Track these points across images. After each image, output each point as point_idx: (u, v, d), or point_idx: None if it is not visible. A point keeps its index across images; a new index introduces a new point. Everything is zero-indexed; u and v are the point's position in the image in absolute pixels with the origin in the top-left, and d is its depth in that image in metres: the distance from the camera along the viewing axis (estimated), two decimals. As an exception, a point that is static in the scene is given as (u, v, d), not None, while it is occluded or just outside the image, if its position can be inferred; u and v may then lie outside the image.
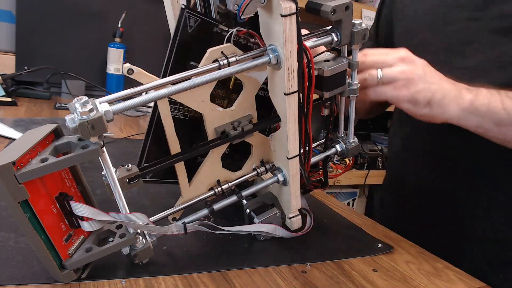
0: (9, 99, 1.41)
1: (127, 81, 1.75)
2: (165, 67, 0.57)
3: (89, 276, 0.52)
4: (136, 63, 0.53)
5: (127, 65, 0.51)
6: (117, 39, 1.73)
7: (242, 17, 0.50)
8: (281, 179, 0.62)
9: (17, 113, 1.32)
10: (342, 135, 0.69)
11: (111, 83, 1.74)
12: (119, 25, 1.73)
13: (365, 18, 2.32)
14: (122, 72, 1.63)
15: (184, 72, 0.53)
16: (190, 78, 0.52)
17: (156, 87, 0.51)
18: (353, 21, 0.59)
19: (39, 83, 1.53)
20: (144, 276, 0.54)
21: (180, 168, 0.60)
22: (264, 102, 0.64)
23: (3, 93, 1.44)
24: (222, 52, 0.55)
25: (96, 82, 1.66)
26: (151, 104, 1.68)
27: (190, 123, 0.64)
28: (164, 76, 0.56)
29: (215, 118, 0.60)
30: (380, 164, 2.36)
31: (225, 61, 0.54)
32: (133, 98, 0.49)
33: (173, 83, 0.52)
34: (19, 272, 0.51)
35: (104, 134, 0.47)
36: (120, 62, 1.73)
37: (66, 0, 1.69)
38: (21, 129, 1.10)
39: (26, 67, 1.59)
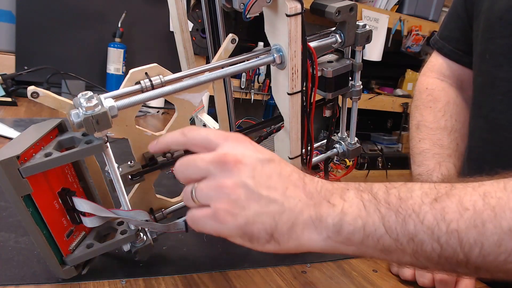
0: (9, 99, 1.41)
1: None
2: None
3: (89, 276, 0.52)
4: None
5: (31, 88, 0.45)
6: (117, 39, 1.73)
7: (247, 17, 0.50)
8: (282, 179, 0.62)
9: (17, 113, 1.32)
10: (344, 136, 0.69)
11: (111, 83, 1.74)
12: (119, 25, 1.73)
13: (365, 18, 2.33)
14: (122, 72, 1.63)
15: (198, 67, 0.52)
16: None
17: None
18: (357, 23, 0.59)
19: (39, 83, 1.53)
20: (144, 276, 0.54)
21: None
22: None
23: (3, 93, 1.44)
24: (146, 73, 0.51)
25: (96, 82, 1.66)
26: (152, 104, 1.67)
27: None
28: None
29: (143, 143, 0.55)
30: (380, 164, 2.37)
31: (148, 83, 0.50)
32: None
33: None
34: (19, 272, 0.51)
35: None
36: (120, 62, 1.73)
37: (66, 0, 1.69)
38: (21, 129, 1.10)
39: (26, 67, 1.58)
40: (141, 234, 0.53)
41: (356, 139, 0.69)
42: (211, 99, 0.83)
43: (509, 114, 0.69)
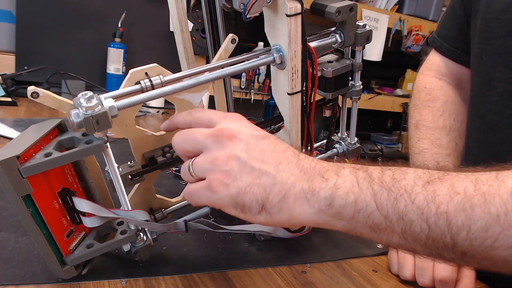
0: (9, 99, 1.40)
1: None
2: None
3: (89, 276, 0.52)
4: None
5: (31, 88, 0.45)
6: (117, 39, 1.73)
7: (247, 17, 0.50)
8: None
9: (17, 113, 1.32)
10: (344, 136, 0.69)
11: (111, 83, 1.74)
12: (119, 25, 1.73)
13: (365, 18, 2.33)
14: (122, 72, 1.63)
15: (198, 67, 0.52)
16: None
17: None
18: (357, 23, 0.59)
19: (39, 83, 1.53)
20: (144, 276, 0.54)
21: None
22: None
23: (3, 93, 1.44)
24: (146, 74, 0.51)
25: (96, 82, 1.66)
26: (152, 104, 1.66)
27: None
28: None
29: (143, 143, 0.56)
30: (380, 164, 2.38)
31: (148, 83, 0.50)
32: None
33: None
34: (19, 272, 0.51)
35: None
36: (120, 62, 1.73)
37: (66, 0, 1.69)
38: (21, 129, 1.10)
39: (26, 67, 1.58)
40: (141, 234, 0.53)
41: (356, 139, 0.69)
42: (211, 99, 0.83)
43: (506, 115, 0.69)
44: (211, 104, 0.91)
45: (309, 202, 0.42)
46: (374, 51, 2.43)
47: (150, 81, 0.50)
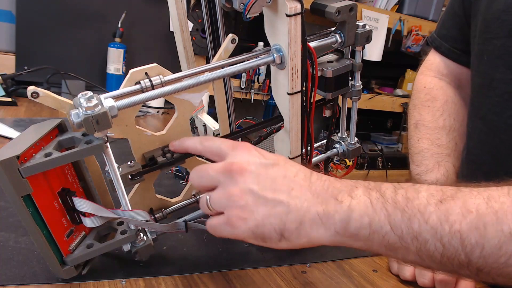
0: (9, 99, 1.41)
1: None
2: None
3: (89, 276, 0.52)
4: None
5: (31, 88, 0.45)
6: (117, 39, 1.73)
7: (247, 17, 0.50)
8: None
9: (17, 113, 1.32)
10: (344, 136, 0.69)
11: (111, 83, 1.74)
12: (119, 25, 1.73)
13: (365, 18, 2.33)
14: (122, 72, 1.63)
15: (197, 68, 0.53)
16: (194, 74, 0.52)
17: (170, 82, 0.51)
18: (357, 23, 0.59)
19: (39, 83, 1.53)
20: (144, 276, 0.54)
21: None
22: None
23: (3, 93, 1.44)
24: (146, 74, 0.51)
25: (96, 82, 1.66)
26: (152, 104, 1.66)
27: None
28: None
29: (143, 143, 0.56)
30: (380, 164, 2.38)
31: (148, 83, 0.50)
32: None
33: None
34: (19, 272, 0.51)
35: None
36: (120, 62, 1.73)
37: (66, 0, 1.69)
38: (21, 129, 1.10)
39: (26, 67, 1.58)
40: (141, 234, 0.53)
41: (356, 139, 0.69)
42: (211, 99, 0.83)
43: (506, 117, 0.69)
44: (211, 104, 0.91)
45: (325, 225, 0.43)
46: (374, 51, 2.43)
47: (150, 81, 0.50)
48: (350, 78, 0.64)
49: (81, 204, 0.50)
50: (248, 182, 0.44)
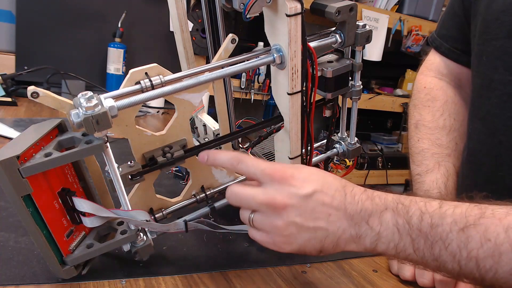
0: (9, 99, 1.40)
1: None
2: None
3: (89, 276, 0.52)
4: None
5: (31, 88, 0.45)
6: (117, 39, 1.73)
7: (247, 17, 0.50)
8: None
9: (17, 113, 1.32)
10: (344, 136, 0.69)
11: (111, 83, 1.74)
12: (119, 25, 1.73)
13: (365, 18, 2.33)
14: (122, 72, 1.63)
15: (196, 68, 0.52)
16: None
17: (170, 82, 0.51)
18: (357, 23, 0.59)
19: (39, 83, 1.53)
20: (144, 276, 0.54)
21: None
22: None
23: (3, 93, 1.44)
24: (146, 74, 0.51)
25: (96, 82, 1.66)
26: (152, 104, 1.66)
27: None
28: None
29: (143, 143, 0.56)
30: (380, 164, 2.38)
31: (148, 83, 0.50)
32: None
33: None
34: (19, 272, 0.51)
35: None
36: (120, 62, 1.73)
37: (66, 0, 1.69)
38: (21, 129, 1.10)
39: (26, 67, 1.58)
40: (141, 234, 0.53)
41: (356, 139, 0.69)
42: (211, 99, 0.83)
43: (505, 118, 0.69)
44: (211, 104, 0.91)
45: (357, 244, 0.49)
46: (374, 51, 2.43)
47: (150, 81, 0.50)
48: (350, 78, 0.64)
49: (81, 204, 0.50)
50: (291, 216, 0.48)
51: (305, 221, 0.49)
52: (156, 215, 0.60)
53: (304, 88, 0.56)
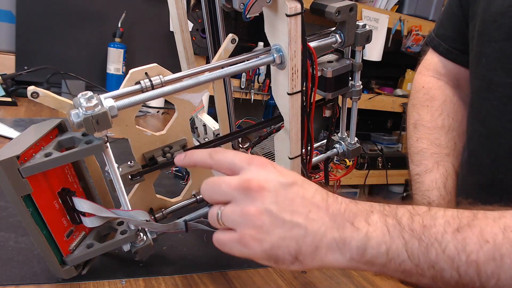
0: (9, 99, 1.41)
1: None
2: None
3: (89, 276, 0.52)
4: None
5: (31, 88, 0.45)
6: (117, 39, 1.73)
7: (247, 17, 0.50)
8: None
9: (17, 113, 1.32)
10: (344, 136, 0.69)
11: (111, 83, 1.74)
12: (119, 25, 1.73)
13: (365, 18, 2.33)
14: (122, 72, 1.63)
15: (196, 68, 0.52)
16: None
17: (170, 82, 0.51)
18: (357, 23, 0.59)
19: (39, 83, 1.53)
20: (144, 276, 0.54)
21: None
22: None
23: (3, 93, 1.44)
24: (146, 74, 0.51)
25: (96, 82, 1.66)
26: (152, 104, 1.66)
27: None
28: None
29: (143, 143, 0.56)
30: (380, 164, 2.38)
31: (148, 83, 0.50)
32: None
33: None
34: (19, 272, 0.51)
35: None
36: (120, 62, 1.73)
37: (66, 0, 1.69)
38: (21, 129, 1.10)
39: (26, 67, 1.58)
40: (141, 234, 0.53)
41: (356, 139, 0.69)
42: (211, 99, 0.83)
43: (504, 120, 0.69)
44: (211, 104, 0.91)
45: (341, 251, 0.42)
46: (374, 51, 2.43)
47: (150, 81, 0.50)
48: (350, 78, 0.64)
49: (81, 204, 0.50)
50: (267, 202, 0.43)
51: (281, 211, 0.42)
52: (156, 215, 0.60)
53: (304, 88, 0.56)
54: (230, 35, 0.55)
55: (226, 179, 0.45)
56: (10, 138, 1.01)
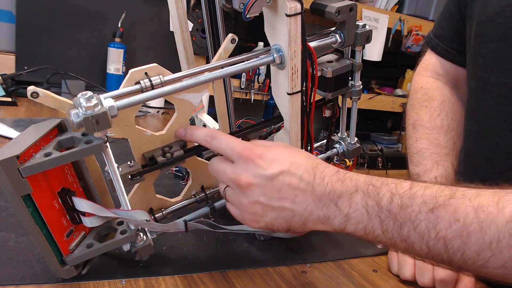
0: (9, 99, 1.40)
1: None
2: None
3: (89, 276, 0.52)
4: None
5: (31, 88, 0.45)
6: (117, 39, 1.73)
7: (247, 17, 0.50)
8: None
9: (17, 113, 1.32)
10: (344, 136, 0.69)
11: (111, 83, 1.74)
12: (119, 25, 1.73)
13: (365, 18, 2.33)
14: (122, 73, 1.63)
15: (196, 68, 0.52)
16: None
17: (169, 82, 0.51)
18: (357, 23, 0.59)
19: (39, 83, 1.52)
20: (144, 276, 0.54)
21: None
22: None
23: (3, 93, 1.44)
24: (145, 73, 0.51)
25: (96, 82, 1.65)
26: (152, 104, 1.66)
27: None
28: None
29: (143, 143, 0.56)
30: (380, 164, 2.37)
31: (148, 83, 0.50)
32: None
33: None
34: (19, 272, 0.51)
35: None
36: (120, 62, 1.73)
37: (66, 0, 1.69)
38: (21, 129, 1.10)
39: (26, 67, 1.58)
40: (141, 234, 0.53)
41: (356, 139, 0.69)
42: (211, 99, 0.83)
43: (500, 120, 0.69)
44: (211, 104, 0.91)
45: (325, 225, 0.49)
46: (374, 51, 2.43)
47: (150, 81, 0.50)
48: (350, 78, 0.64)
49: (81, 204, 0.50)
50: (256, 195, 0.49)
51: (270, 201, 0.49)
52: (156, 215, 0.60)
53: (304, 88, 0.56)
54: (230, 35, 0.55)
55: (223, 167, 0.52)
56: (10, 138, 1.01)
